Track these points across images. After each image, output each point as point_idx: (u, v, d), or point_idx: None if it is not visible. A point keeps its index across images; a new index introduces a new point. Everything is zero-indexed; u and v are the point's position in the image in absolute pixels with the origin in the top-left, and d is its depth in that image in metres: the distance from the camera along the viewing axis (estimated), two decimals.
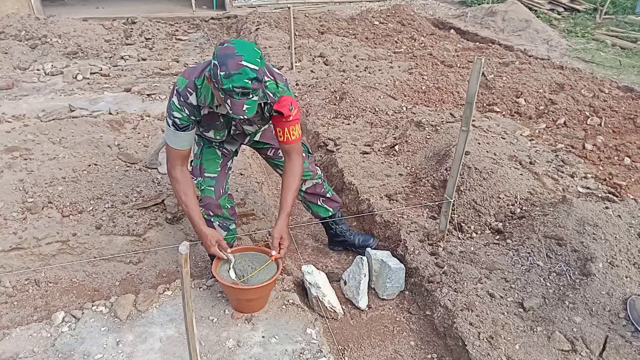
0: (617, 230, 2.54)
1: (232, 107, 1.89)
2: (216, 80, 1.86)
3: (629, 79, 5.81)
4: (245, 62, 1.84)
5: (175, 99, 2.04)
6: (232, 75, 1.82)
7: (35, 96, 4.96)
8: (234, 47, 1.87)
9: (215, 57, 1.87)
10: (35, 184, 3.01)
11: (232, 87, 1.84)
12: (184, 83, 2.03)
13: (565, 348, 2.04)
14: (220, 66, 1.83)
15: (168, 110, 2.09)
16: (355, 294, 2.53)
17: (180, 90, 2.03)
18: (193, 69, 2.08)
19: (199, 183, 2.44)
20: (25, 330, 2.14)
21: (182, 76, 2.08)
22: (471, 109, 2.40)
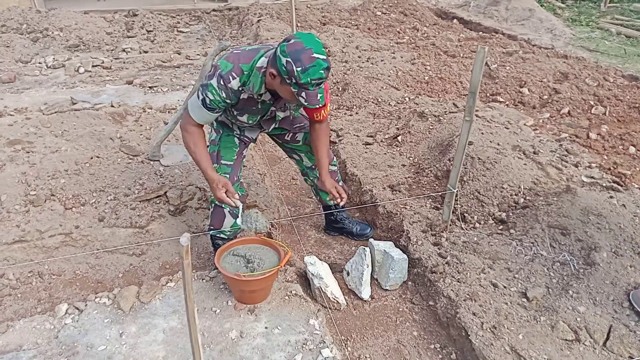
0: (621, 220, 2.52)
1: (308, 98, 2.00)
2: (292, 75, 1.93)
3: (634, 68, 5.76)
4: (317, 54, 1.93)
5: (214, 80, 2.08)
6: (308, 69, 1.92)
7: (37, 89, 4.95)
8: (302, 42, 1.94)
9: (286, 54, 1.93)
10: (38, 176, 3.01)
11: (310, 80, 1.94)
12: (227, 67, 2.07)
13: (569, 337, 2.03)
14: (295, 62, 1.91)
15: (203, 88, 2.12)
16: (358, 284, 2.53)
17: (223, 73, 2.07)
18: (238, 55, 2.11)
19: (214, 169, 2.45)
20: (28, 322, 2.15)
21: (225, 60, 2.10)
22: (474, 98, 2.38)
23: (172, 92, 4.90)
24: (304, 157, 2.74)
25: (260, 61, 2.10)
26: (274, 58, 2.00)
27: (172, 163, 3.35)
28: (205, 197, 3.12)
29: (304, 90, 1.98)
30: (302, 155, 2.74)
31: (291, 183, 3.70)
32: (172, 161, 3.37)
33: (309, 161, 2.73)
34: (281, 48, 1.96)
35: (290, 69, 1.93)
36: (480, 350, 2.01)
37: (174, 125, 3.36)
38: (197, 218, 3.05)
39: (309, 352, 2.03)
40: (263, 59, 2.10)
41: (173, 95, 4.79)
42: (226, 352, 2.02)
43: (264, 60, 2.10)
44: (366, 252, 2.55)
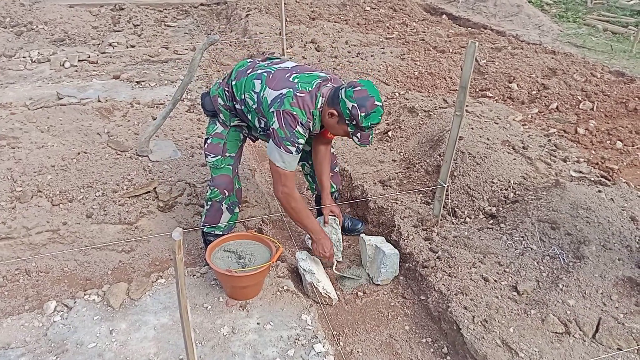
0: (609, 214, 2.55)
1: (362, 139, 2.24)
2: (355, 119, 2.15)
3: (620, 64, 5.82)
4: (377, 102, 2.16)
5: (300, 128, 2.22)
6: (370, 115, 2.15)
7: (22, 84, 4.86)
8: (367, 90, 2.16)
9: (353, 99, 2.13)
10: (24, 172, 2.96)
11: (370, 124, 2.18)
12: (303, 114, 2.21)
13: (559, 330, 2.05)
14: (360, 107, 2.12)
15: (292, 140, 2.22)
16: (336, 250, 2.64)
17: (304, 122, 2.22)
18: (303, 100, 2.21)
19: (219, 161, 2.48)
20: (16, 320, 2.12)
21: (297, 107, 2.19)
22: (465, 93, 2.38)
23: (160, 87, 4.84)
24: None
25: (320, 102, 2.26)
26: (335, 99, 2.19)
27: (161, 158, 3.31)
28: (195, 193, 3.09)
29: (360, 131, 2.21)
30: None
31: None
32: (161, 157, 3.33)
33: (307, 146, 2.72)
34: (347, 93, 2.15)
35: (355, 113, 2.13)
36: (472, 343, 2.02)
37: (162, 120, 3.33)
38: (187, 214, 3.02)
39: (302, 348, 2.02)
40: (321, 99, 2.26)
41: (161, 90, 4.73)
42: (218, 348, 2.00)
43: (322, 101, 2.26)
44: (336, 221, 2.69)
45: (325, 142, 2.60)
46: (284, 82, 2.25)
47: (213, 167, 2.49)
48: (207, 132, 2.54)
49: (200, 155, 3.45)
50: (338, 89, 2.21)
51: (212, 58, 6.00)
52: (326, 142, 2.60)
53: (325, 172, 2.66)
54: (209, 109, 2.51)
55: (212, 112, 2.50)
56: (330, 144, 2.64)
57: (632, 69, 5.56)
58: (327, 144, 2.61)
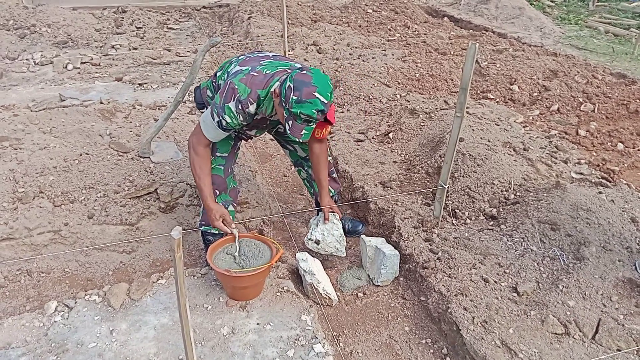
0: (610, 215, 2.55)
1: (291, 129, 2.08)
2: (286, 101, 2.02)
3: (621, 66, 5.82)
4: (318, 94, 2.00)
5: (232, 104, 2.12)
6: (303, 103, 1.99)
7: (25, 86, 4.89)
8: (312, 77, 2.02)
9: (292, 80, 2.02)
10: (26, 173, 2.97)
11: (299, 113, 2.01)
12: (246, 92, 2.11)
13: (559, 331, 2.05)
14: (294, 90, 1.99)
15: (218, 110, 2.15)
16: (339, 245, 2.62)
17: (242, 99, 2.11)
18: (253, 78, 2.14)
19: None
20: (17, 320, 2.13)
21: (243, 83, 2.13)
22: (465, 94, 2.39)
23: (162, 89, 4.86)
24: (298, 148, 2.74)
25: (275, 86, 2.16)
26: (285, 80, 2.09)
27: (162, 160, 3.32)
28: (196, 194, 3.10)
29: (292, 119, 2.07)
30: (295, 146, 2.73)
31: (282, 180, 3.69)
32: (162, 158, 3.34)
33: (302, 152, 2.73)
34: (292, 73, 2.06)
35: (288, 94, 2.02)
36: (471, 344, 2.02)
37: (164, 122, 3.34)
38: (188, 215, 3.03)
39: (301, 348, 2.03)
40: (277, 83, 2.16)
41: (163, 92, 4.75)
42: (218, 349, 2.01)
43: (277, 85, 2.16)
44: (336, 216, 2.66)
45: (319, 141, 2.55)
46: (251, 63, 2.25)
47: None
48: None
49: None
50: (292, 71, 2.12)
51: (214, 60, 6.02)
52: (320, 141, 2.55)
53: (322, 170, 2.62)
54: (198, 102, 2.56)
55: (201, 104, 2.55)
56: (324, 142, 2.58)
57: (634, 71, 5.56)
58: (321, 142, 2.56)
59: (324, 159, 2.61)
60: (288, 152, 2.81)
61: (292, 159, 2.84)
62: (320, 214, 2.68)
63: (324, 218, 2.64)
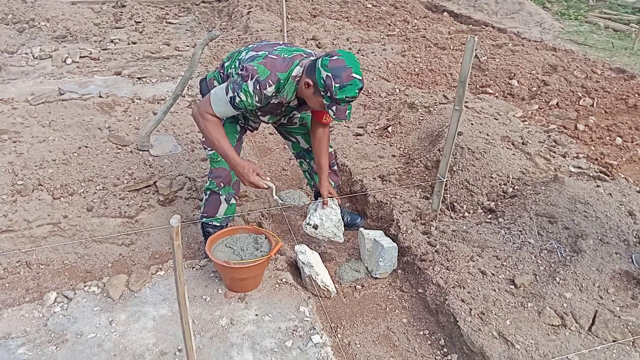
0: (607, 208, 2.56)
1: (337, 113, 2.10)
2: (329, 89, 2.03)
3: (621, 61, 5.82)
4: (355, 74, 2.03)
5: (250, 83, 2.10)
6: (345, 87, 2.02)
7: (24, 80, 4.88)
8: (344, 60, 2.04)
9: (328, 69, 2.02)
10: (25, 166, 2.98)
11: (345, 97, 2.05)
12: (265, 73, 2.10)
13: (556, 323, 2.06)
14: (334, 78, 2.01)
15: (234, 86, 2.13)
16: (337, 230, 2.60)
17: (261, 79, 2.10)
18: (274, 61, 2.13)
19: (215, 154, 2.46)
20: (17, 310, 2.14)
21: (262, 65, 2.11)
22: (464, 87, 2.39)
23: (161, 83, 4.86)
24: (301, 139, 2.73)
25: (296, 70, 2.15)
26: (312, 69, 2.08)
27: (161, 153, 3.33)
28: (195, 187, 3.11)
29: (335, 104, 2.09)
30: (298, 137, 2.73)
31: (282, 173, 3.70)
32: (161, 151, 3.35)
33: (305, 143, 2.73)
34: (323, 61, 2.05)
35: (329, 83, 2.02)
36: (469, 335, 2.04)
37: (163, 115, 3.34)
38: (187, 208, 3.04)
39: (299, 339, 2.04)
40: (298, 68, 2.16)
41: (162, 86, 4.75)
42: (217, 339, 2.02)
43: (299, 70, 2.16)
44: (334, 201, 2.64)
45: (323, 125, 2.54)
46: (266, 48, 2.24)
47: (211, 159, 2.50)
48: None
49: (200, 150, 3.46)
50: (316, 59, 2.11)
51: (213, 55, 6.01)
52: (323, 125, 2.54)
53: (323, 155, 2.61)
54: (205, 94, 2.49)
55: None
56: (327, 127, 2.57)
57: (633, 66, 5.55)
58: (324, 126, 2.55)
59: (325, 143, 2.61)
60: (291, 143, 2.80)
61: (294, 151, 2.83)
62: (319, 199, 2.66)
63: (323, 203, 2.62)
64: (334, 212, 2.64)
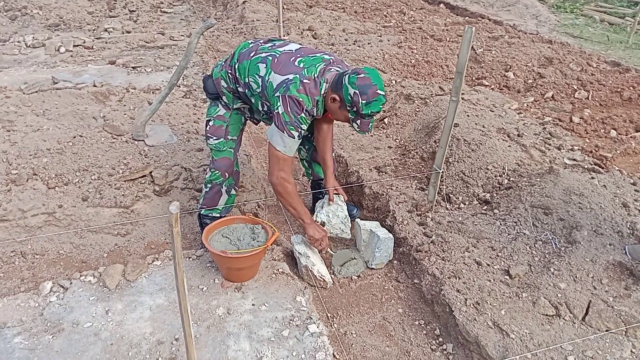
0: (602, 200, 2.57)
1: (360, 126, 2.23)
2: (355, 105, 2.14)
3: (616, 54, 5.83)
4: (380, 91, 2.15)
5: (304, 115, 2.22)
6: (371, 103, 2.14)
7: (17, 68, 4.83)
8: (370, 78, 2.15)
9: (356, 86, 2.12)
10: (19, 155, 2.96)
11: (370, 112, 2.17)
12: (309, 101, 2.21)
13: (550, 313, 2.08)
14: (362, 95, 2.12)
15: (295, 125, 2.21)
16: (344, 227, 2.63)
17: (309, 108, 2.22)
18: (308, 86, 2.20)
19: (221, 144, 2.48)
20: (12, 300, 2.13)
21: (303, 94, 2.18)
22: (461, 78, 2.39)
23: (156, 72, 4.82)
24: None
25: (324, 88, 2.24)
26: (338, 85, 2.18)
27: (157, 143, 3.31)
28: (191, 177, 3.10)
29: (360, 119, 2.20)
30: None
31: None
32: (157, 141, 3.33)
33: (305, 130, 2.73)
34: (350, 79, 2.14)
35: (356, 100, 2.13)
36: (464, 325, 2.05)
37: (158, 105, 3.32)
38: (183, 198, 3.03)
39: (296, 328, 2.05)
40: (325, 85, 2.24)
41: (157, 75, 4.72)
42: (213, 328, 2.02)
43: (325, 87, 2.24)
44: (340, 198, 2.67)
45: (328, 121, 2.57)
46: (289, 67, 2.24)
47: (215, 149, 2.49)
48: (208, 114, 2.51)
49: (196, 140, 3.45)
50: (342, 74, 2.19)
51: (209, 45, 5.97)
52: (329, 121, 2.58)
53: (328, 151, 2.65)
54: (211, 92, 2.47)
55: (214, 94, 2.47)
56: (332, 123, 2.61)
57: (628, 60, 5.57)
58: (329, 122, 2.59)
59: (329, 139, 2.64)
60: None
61: None
62: (326, 196, 2.69)
63: (329, 199, 2.65)
64: (340, 208, 2.65)
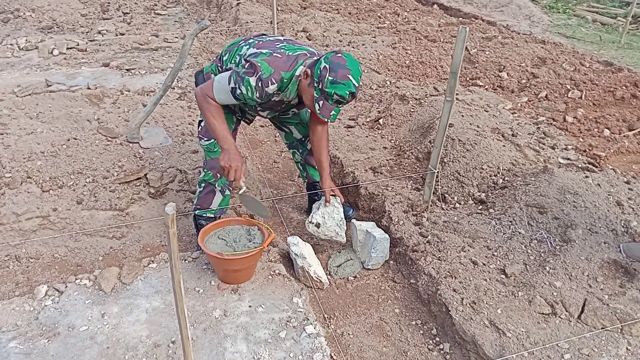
0: (596, 198, 2.59)
1: (322, 109, 2.11)
2: (321, 81, 2.05)
3: (609, 54, 5.87)
4: (352, 77, 2.07)
5: (253, 79, 2.10)
6: (338, 84, 2.04)
7: (10, 71, 4.80)
8: (347, 60, 2.08)
9: (328, 61, 2.05)
10: (13, 158, 2.94)
11: (334, 93, 2.06)
12: (269, 71, 2.10)
13: (546, 311, 2.09)
14: (330, 71, 2.04)
15: (237, 78, 2.13)
16: (339, 230, 2.58)
17: (263, 77, 2.10)
18: (277, 60, 2.14)
19: (212, 144, 2.46)
20: (7, 304, 2.12)
21: (266, 63, 2.11)
22: (456, 78, 2.40)
23: (150, 74, 4.81)
24: (294, 130, 2.73)
25: (299, 70, 2.17)
26: (315, 62, 2.12)
27: (152, 145, 3.30)
28: (186, 180, 3.09)
29: (323, 99, 2.10)
30: (291, 127, 2.72)
31: (273, 166, 3.69)
32: (151, 143, 3.32)
33: (298, 133, 2.73)
34: (327, 55, 2.09)
35: (323, 74, 2.05)
36: (460, 324, 2.06)
37: (153, 107, 3.31)
38: (178, 200, 3.02)
39: (293, 329, 2.05)
40: (302, 67, 2.17)
41: (151, 77, 4.70)
42: (210, 331, 2.02)
43: (302, 69, 2.17)
44: (337, 199, 2.61)
45: (322, 123, 2.54)
46: (269, 45, 2.23)
47: (207, 150, 2.49)
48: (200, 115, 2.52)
49: (191, 141, 3.44)
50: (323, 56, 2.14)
51: (203, 46, 5.96)
52: (322, 123, 2.54)
53: (323, 152, 2.59)
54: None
55: None
56: (326, 125, 2.57)
57: (621, 59, 5.62)
58: (323, 124, 2.55)
59: (325, 141, 2.60)
60: (284, 134, 2.79)
61: (287, 141, 2.82)
62: (322, 197, 2.64)
63: (325, 200, 2.60)
64: (336, 210, 2.61)
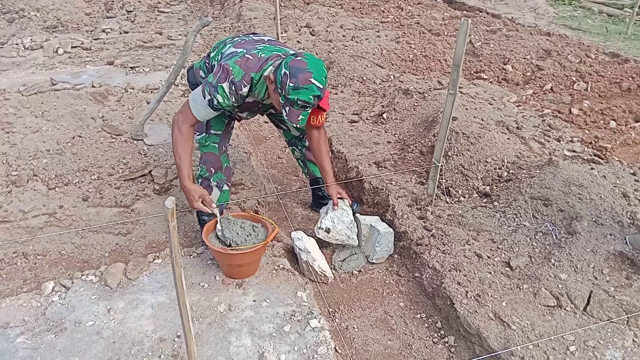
0: (602, 190, 2.57)
1: (289, 115, 2.08)
2: (283, 88, 2.02)
3: (615, 45, 5.81)
4: (314, 80, 2.01)
5: (226, 85, 2.11)
6: (300, 89, 1.99)
7: (15, 71, 4.84)
8: (307, 63, 2.02)
9: (288, 66, 2.00)
10: (19, 157, 2.96)
11: (297, 99, 2.01)
12: (240, 74, 2.11)
13: (551, 304, 2.08)
14: (291, 77, 1.99)
15: (210, 89, 2.13)
16: (350, 233, 2.55)
17: (235, 80, 2.11)
18: (248, 61, 2.13)
19: (203, 139, 2.46)
20: (15, 300, 2.14)
21: (237, 65, 2.12)
22: (458, 71, 2.39)
23: (154, 72, 4.82)
24: (291, 127, 2.74)
25: (268, 70, 2.15)
26: (279, 66, 2.08)
27: (156, 142, 3.32)
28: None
29: (289, 105, 2.06)
30: (288, 125, 2.73)
31: (277, 162, 3.70)
32: (156, 140, 3.34)
33: (296, 131, 2.73)
34: (286, 60, 2.04)
35: (284, 81, 2.00)
36: (465, 317, 2.06)
37: (156, 104, 3.32)
38: (183, 197, 3.01)
39: (297, 323, 2.05)
40: (271, 68, 2.15)
41: (155, 75, 4.72)
42: (215, 325, 2.03)
43: (271, 70, 2.15)
44: (345, 202, 2.59)
45: (316, 128, 2.52)
46: (246, 45, 2.24)
47: (199, 144, 2.50)
48: None
49: None
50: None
51: (206, 43, 5.96)
52: (317, 127, 2.51)
53: (324, 157, 2.56)
54: (192, 83, 2.54)
55: (195, 85, 2.51)
56: (321, 129, 2.54)
57: (627, 50, 5.56)
58: (318, 129, 2.52)
59: (324, 145, 2.56)
60: (282, 131, 2.82)
61: (286, 139, 2.84)
62: (330, 202, 2.61)
63: (333, 204, 2.56)
64: (345, 213, 2.57)
